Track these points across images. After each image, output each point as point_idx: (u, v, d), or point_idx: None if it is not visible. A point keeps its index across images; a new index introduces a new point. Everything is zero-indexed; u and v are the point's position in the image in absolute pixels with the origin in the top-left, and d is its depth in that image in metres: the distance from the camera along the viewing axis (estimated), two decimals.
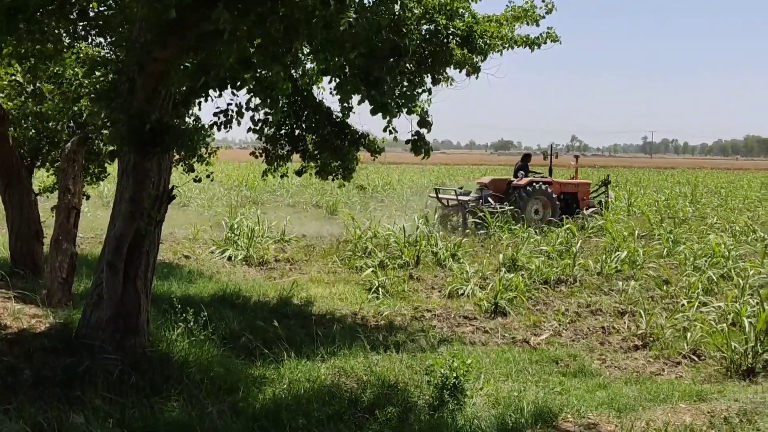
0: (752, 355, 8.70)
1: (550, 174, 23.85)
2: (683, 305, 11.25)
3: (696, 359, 9.48)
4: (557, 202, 22.29)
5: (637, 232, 18.79)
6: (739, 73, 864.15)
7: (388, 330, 10.28)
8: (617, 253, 15.44)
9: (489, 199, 21.59)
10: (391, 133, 8.05)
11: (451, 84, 8.76)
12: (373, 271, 13.43)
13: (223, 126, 7.36)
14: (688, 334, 9.88)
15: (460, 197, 22.40)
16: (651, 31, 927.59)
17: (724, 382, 8.43)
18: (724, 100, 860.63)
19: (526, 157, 23.95)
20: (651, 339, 10.13)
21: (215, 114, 7.37)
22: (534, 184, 22.10)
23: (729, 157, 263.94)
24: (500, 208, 20.82)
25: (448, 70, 8.69)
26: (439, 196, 23.26)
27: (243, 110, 7.25)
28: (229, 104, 7.21)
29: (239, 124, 7.37)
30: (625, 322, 11.13)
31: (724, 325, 9.87)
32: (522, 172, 23.00)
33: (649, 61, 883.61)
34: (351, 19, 6.16)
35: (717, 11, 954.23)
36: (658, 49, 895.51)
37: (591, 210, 22.82)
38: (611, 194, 25.95)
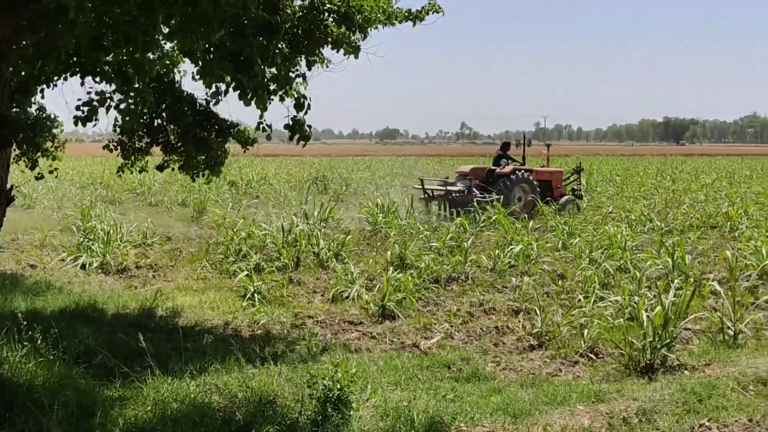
0: (650, 351, 9.03)
1: (524, 162, 26.03)
2: (580, 300, 11.63)
3: (594, 357, 9.79)
4: (537, 189, 24.38)
5: (531, 224, 19.34)
6: (632, 56, 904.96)
7: (265, 340, 10.18)
8: (510, 247, 15.87)
9: (474, 188, 23.46)
10: (264, 131, 7.97)
11: (327, 66, 8.74)
12: (247, 275, 13.24)
13: (87, 120, 7.09)
14: (585, 331, 10.18)
15: (448, 187, 24.03)
16: (541, 13, 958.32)
17: (623, 381, 8.73)
18: (617, 84, 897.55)
19: (506, 146, 26.30)
20: (547, 338, 10.40)
21: (77, 107, 7.10)
22: (517, 172, 24.28)
23: (624, 142, 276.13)
24: (486, 196, 22.91)
25: (324, 50, 8.65)
26: (425, 186, 24.95)
27: (106, 99, 7.03)
28: (88, 92, 6.97)
29: (107, 112, 7.17)
30: (519, 321, 11.38)
31: (622, 320, 10.27)
32: (504, 160, 25.13)
33: (540, 43, 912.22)
34: None
35: None
36: (547, 32, 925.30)
37: (565, 198, 25.03)
38: (583, 182, 28.42)
